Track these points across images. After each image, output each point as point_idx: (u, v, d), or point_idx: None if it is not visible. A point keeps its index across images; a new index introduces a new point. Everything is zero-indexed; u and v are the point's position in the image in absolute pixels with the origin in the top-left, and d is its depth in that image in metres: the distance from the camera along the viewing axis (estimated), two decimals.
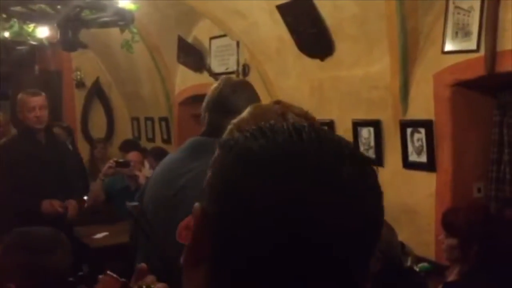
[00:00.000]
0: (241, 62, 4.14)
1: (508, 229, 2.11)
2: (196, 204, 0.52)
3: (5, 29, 3.75)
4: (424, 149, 2.76)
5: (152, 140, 5.67)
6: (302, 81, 3.43)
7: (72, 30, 2.44)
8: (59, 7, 2.34)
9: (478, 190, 2.74)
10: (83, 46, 3.06)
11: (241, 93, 1.56)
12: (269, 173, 0.48)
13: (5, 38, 3.86)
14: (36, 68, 5.55)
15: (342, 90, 3.18)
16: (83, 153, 5.47)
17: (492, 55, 2.36)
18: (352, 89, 3.11)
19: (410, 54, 2.76)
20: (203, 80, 4.48)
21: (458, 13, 2.56)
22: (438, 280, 2.30)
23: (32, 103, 3.16)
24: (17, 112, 3.35)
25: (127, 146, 5.21)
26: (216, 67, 4.40)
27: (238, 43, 4.12)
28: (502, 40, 2.34)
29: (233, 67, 4.21)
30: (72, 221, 3.27)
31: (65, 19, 2.39)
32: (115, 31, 3.83)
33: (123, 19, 2.60)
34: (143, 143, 5.71)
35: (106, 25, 2.73)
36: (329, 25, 3.06)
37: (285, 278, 0.47)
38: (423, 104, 2.78)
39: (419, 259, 2.66)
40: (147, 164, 4.51)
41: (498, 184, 2.64)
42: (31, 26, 3.87)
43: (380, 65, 2.89)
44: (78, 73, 6.02)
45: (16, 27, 3.75)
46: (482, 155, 2.73)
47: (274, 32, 3.43)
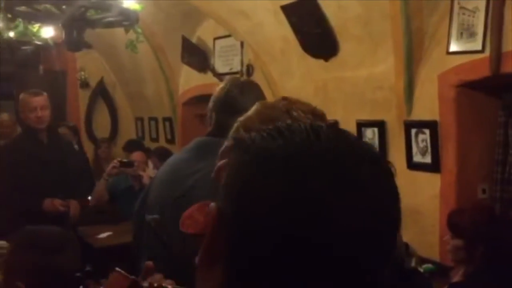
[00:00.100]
0: (245, 62, 4.14)
1: None
2: (212, 204, 0.52)
3: (10, 29, 3.76)
4: (429, 150, 2.75)
5: (156, 140, 5.68)
6: (306, 81, 3.43)
7: (77, 30, 2.45)
8: (64, 7, 2.34)
9: (483, 191, 2.73)
10: (88, 46, 3.07)
11: (248, 93, 1.55)
12: (287, 173, 0.47)
13: (10, 38, 3.87)
14: (41, 68, 5.57)
15: (347, 90, 3.17)
16: (88, 153, 5.49)
17: (497, 55, 2.35)
18: (356, 90, 3.11)
19: (414, 55, 2.75)
20: (207, 80, 4.48)
21: (463, 14, 2.55)
22: (443, 281, 2.29)
23: (34, 103, 3.16)
24: (19, 112, 3.36)
25: (131, 146, 5.22)
26: (220, 68, 4.41)
27: (242, 44, 4.12)
28: (507, 40, 2.33)
29: (237, 68, 4.21)
30: (75, 221, 3.26)
31: (70, 19, 2.40)
32: (119, 31, 3.84)
33: (128, 19, 2.60)
34: (147, 143, 5.71)
35: (110, 25, 2.73)
36: (334, 25, 3.06)
37: (303, 278, 0.47)
38: (428, 105, 2.77)
39: (423, 260, 2.65)
40: (151, 164, 4.52)
41: (503, 185, 2.63)
42: (36, 26, 3.89)
43: (385, 66, 2.88)
44: (83, 73, 6.03)
45: (21, 27, 3.76)
46: (487, 156, 2.72)
47: (278, 32, 3.43)
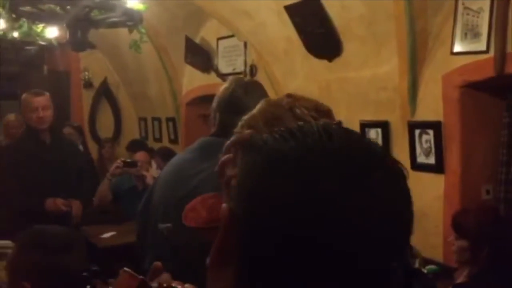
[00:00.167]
0: (249, 62, 4.14)
1: None
2: (224, 205, 0.52)
3: (14, 29, 3.77)
4: (433, 150, 2.75)
5: (159, 140, 5.68)
6: (310, 82, 3.42)
7: (81, 30, 2.45)
8: (68, 7, 2.35)
9: (487, 192, 2.72)
10: (92, 46, 3.08)
11: (253, 93, 1.55)
12: (299, 174, 0.48)
13: (14, 38, 3.88)
14: (45, 68, 5.58)
15: (350, 90, 3.17)
16: (92, 153, 5.50)
17: (502, 56, 2.35)
18: (360, 90, 3.10)
19: (418, 55, 2.75)
20: (211, 80, 4.49)
21: (468, 14, 2.54)
22: (446, 282, 2.28)
23: (35, 103, 3.13)
24: (22, 112, 3.35)
25: (135, 146, 5.23)
26: (224, 68, 4.41)
27: (245, 44, 4.12)
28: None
29: (240, 68, 4.21)
30: (77, 220, 3.24)
31: (74, 19, 2.40)
32: (123, 31, 3.84)
33: (132, 19, 2.60)
34: (150, 143, 5.72)
35: (114, 25, 2.73)
36: (337, 25, 3.06)
37: (314, 278, 0.47)
38: (432, 105, 2.76)
39: (427, 261, 2.64)
40: (154, 164, 4.52)
41: (507, 186, 2.62)
42: (40, 26, 3.90)
43: (389, 66, 2.88)
44: (86, 73, 6.05)
45: (25, 27, 3.77)
46: (491, 156, 2.71)
47: (281, 32, 3.43)
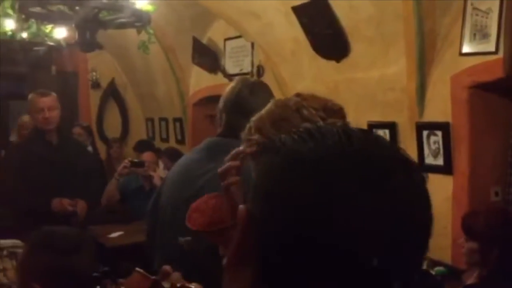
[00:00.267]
0: (256, 63, 4.14)
1: None
2: (241, 206, 0.52)
3: (23, 30, 3.80)
4: (441, 152, 2.73)
5: (166, 140, 5.70)
6: (317, 82, 3.42)
7: (90, 31, 2.47)
8: (77, 8, 2.36)
9: (496, 194, 2.71)
10: (100, 47, 3.08)
11: (258, 93, 1.56)
12: (319, 176, 0.48)
13: (23, 39, 3.91)
14: (53, 68, 5.61)
15: (358, 91, 3.16)
16: (101, 153, 5.53)
17: (511, 57, 2.33)
18: (367, 91, 3.10)
19: (427, 56, 2.73)
20: (218, 81, 4.49)
21: (476, 15, 2.53)
22: (455, 284, 2.27)
23: (41, 104, 3.12)
24: (29, 112, 3.34)
25: (142, 146, 5.25)
26: (231, 68, 4.41)
27: (252, 44, 4.13)
28: None
29: (247, 68, 4.22)
30: (81, 220, 3.22)
31: (83, 20, 2.41)
32: (130, 32, 3.86)
33: (140, 20, 2.61)
34: (157, 143, 5.74)
35: (123, 26, 2.74)
36: (345, 26, 3.05)
37: (331, 280, 0.47)
38: (440, 107, 2.75)
39: (435, 263, 2.63)
40: (161, 165, 4.54)
41: None
42: (49, 27, 3.92)
43: (397, 67, 2.87)
44: (94, 74, 6.08)
45: (33, 28, 3.80)
46: (500, 158, 2.69)
47: (289, 33, 3.42)
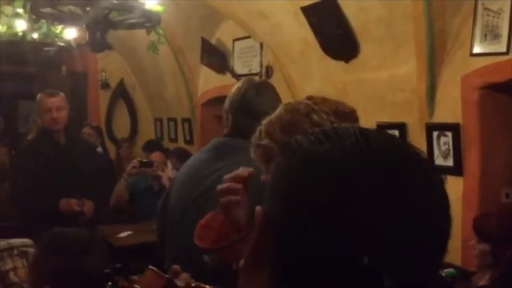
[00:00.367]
0: (265, 63, 4.14)
1: None
2: (258, 207, 0.52)
3: (33, 30, 3.83)
4: (451, 153, 2.72)
5: (174, 140, 5.71)
6: (326, 83, 3.41)
7: (100, 31, 2.48)
8: (88, 8, 2.38)
9: (507, 196, 2.68)
10: (109, 47, 3.10)
11: (264, 94, 1.56)
12: (335, 177, 0.48)
13: (34, 39, 3.93)
14: (63, 69, 5.65)
15: (367, 92, 3.15)
16: (110, 153, 5.56)
17: None
18: (377, 92, 3.08)
19: (437, 56, 2.72)
20: (226, 81, 4.50)
21: (487, 15, 2.51)
22: (464, 286, 2.26)
23: (48, 104, 3.11)
24: (37, 112, 3.33)
25: (150, 146, 5.27)
26: (239, 69, 4.42)
27: (261, 45, 4.13)
28: None
29: (256, 69, 4.22)
30: (86, 220, 3.19)
31: (93, 20, 2.43)
32: (140, 33, 3.87)
33: (150, 21, 2.62)
34: (166, 143, 5.76)
35: (133, 26, 2.75)
36: (354, 26, 3.04)
37: (349, 279, 0.47)
38: (450, 107, 2.74)
39: (445, 265, 2.61)
40: (169, 165, 4.55)
41: None
42: (59, 27, 3.95)
43: (406, 68, 2.86)
44: (103, 74, 6.11)
45: (44, 28, 3.82)
46: (511, 159, 2.67)
47: (298, 33, 3.42)
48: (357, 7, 2.94)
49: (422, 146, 2.87)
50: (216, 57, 4.59)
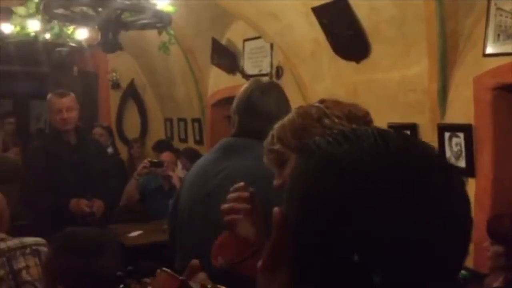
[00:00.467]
0: (275, 64, 4.14)
1: None
2: (276, 209, 0.52)
3: (46, 31, 3.86)
4: (463, 154, 2.70)
5: (184, 140, 5.73)
6: (337, 84, 3.40)
7: (112, 32, 2.49)
8: (100, 9, 2.39)
9: None
10: (121, 48, 3.11)
11: (268, 95, 1.57)
12: (354, 178, 0.47)
13: (46, 40, 3.97)
14: (75, 69, 5.69)
15: (378, 93, 3.14)
16: (120, 153, 5.58)
17: None
18: (388, 92, 3.07)
19: (449, 57, 2.70)
20: (236, 82, 4.50)
21: (500, 15, 2.49)
22: None
23: (58, 104, 3.10)
24: (48, 112, 3.32)
25: (161, 146, 5.29)
26: (250, 69, 4.42)
27: (272, 45, 4.13)
28: None
29: (266, 69, 4.22)
30: (95, 220, 3.18)
31: (106, 21, 2.44)
32: (150, 33, 3.89)
33: (161, 21, 2.63)
34: (176, 143, 5.78)
35: (144, 27, 2.77)
36: (366, 27, 3.03)
37: (367, 279, 0.46)
38: (462, 108, 2.71)
39: None
40: (179, 165, 4.56)
41: None
42: (71, 28, 3.98)
43: (418, 68, 2.84)
44: (114, 74, 6.14)
45: (56, 29, 3.85)
46: None
47: (309, 34, 3.41)
48: (369, 8, 2.93)
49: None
50: (226, 58, 4.60)
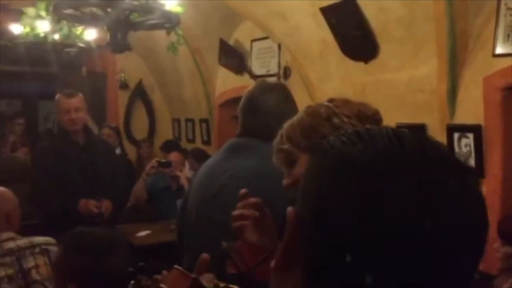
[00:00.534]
0: (283, 64, 4.13)
1: None
2: (289, 208, 0.52)
3: (55, 32, 3.89)
4: (472, 154, 2.68)
5: (192, 141, 5.74)
6: (345, 84, 3.39)
7: (121, 32, 2.50)
8: (109, 10, 2.40)
9: None
10: (129, 48, 3.12)
11: (268, 94, 1.57)
12: (368, 179, 0.47)
13: (55, 41, 4.00)
14: (83, 69, 5.72)
15: (386, 93, 3.12)
16: (128, 153, 5.60)
17: None
18: (396, 93, 3.06)
19: (459, 57, 2.69)
20: (244, 82, 4.50)
21: (510, 15, 2.47)
22: None
23: (67, 105, 3.10)
24: (56, 113, 3.33)
25: (168, 146, 5.31)
26: (257, 70, 4.42)
27: (279, 46, 4.12)
28: None
29: (274, 70, 4.21)
30: (103, 220, 3.16)
31: (114, 22, 2.45)
32: (158, 34, 3.90)
33: (170, 22, 2.64)
34: (183, 144, 5.79)
35: (153, 27, 2.77)
36: (374, 27, 3.02)
37: (382, 279, 0.46)
38: (472, 108, 2.70)
39: None
40: (187, 165, 4.57)
41: None
42: (79, 28, 4.00)
43: (427, 68, 2.83)
44: (122, 75, 6.17)
45: (65, 29, 3.88)
46: None
47: (317, 34, 3.41)
48: (377, 8, 2.92)
49: None
50: (234, 58, 4.60)
